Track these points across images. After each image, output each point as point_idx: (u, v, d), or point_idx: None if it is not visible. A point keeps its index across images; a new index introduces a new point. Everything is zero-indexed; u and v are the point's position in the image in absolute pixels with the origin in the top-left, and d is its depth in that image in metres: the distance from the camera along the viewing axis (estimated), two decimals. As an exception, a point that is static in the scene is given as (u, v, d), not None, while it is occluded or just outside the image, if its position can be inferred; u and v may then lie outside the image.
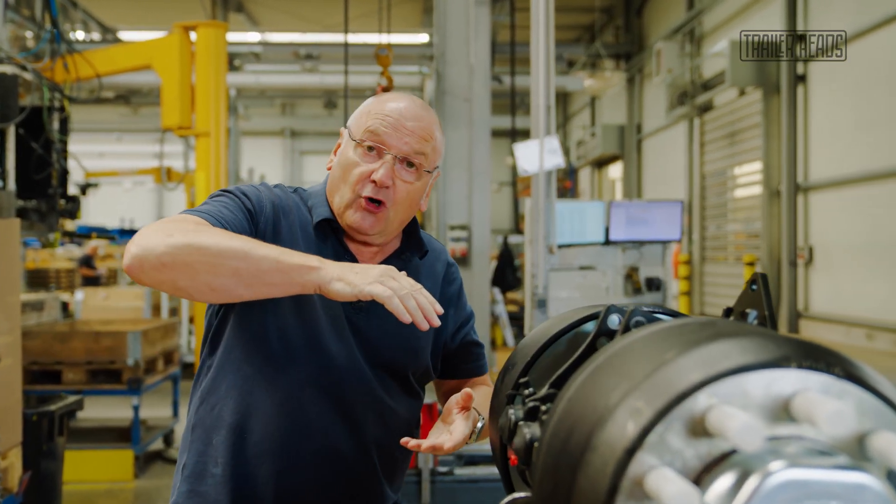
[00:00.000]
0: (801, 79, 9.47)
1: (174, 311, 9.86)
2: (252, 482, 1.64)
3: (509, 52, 9.20)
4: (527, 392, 1.14)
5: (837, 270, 8.78)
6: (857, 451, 0.72)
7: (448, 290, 1.89)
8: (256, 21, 15.54)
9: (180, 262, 1.40)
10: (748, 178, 11.06)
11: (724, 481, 0.70)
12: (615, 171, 16.96)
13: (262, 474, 1.64)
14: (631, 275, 6.27)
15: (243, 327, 1.68)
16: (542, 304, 5.43)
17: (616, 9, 15.54)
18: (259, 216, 1.68)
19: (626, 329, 1.04)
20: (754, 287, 1.08)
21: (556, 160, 5.46)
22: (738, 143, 11.23)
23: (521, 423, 1.11)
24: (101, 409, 7.20)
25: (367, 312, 1.71)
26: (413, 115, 1.69)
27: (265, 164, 21.09)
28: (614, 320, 1.13)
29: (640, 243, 6.30)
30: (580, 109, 18.81)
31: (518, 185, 16.26)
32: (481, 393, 1.83)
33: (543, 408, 1.04)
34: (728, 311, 1.10)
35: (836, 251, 8.84)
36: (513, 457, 1.19)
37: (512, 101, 9.87)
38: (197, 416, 1.72)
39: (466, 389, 1.62)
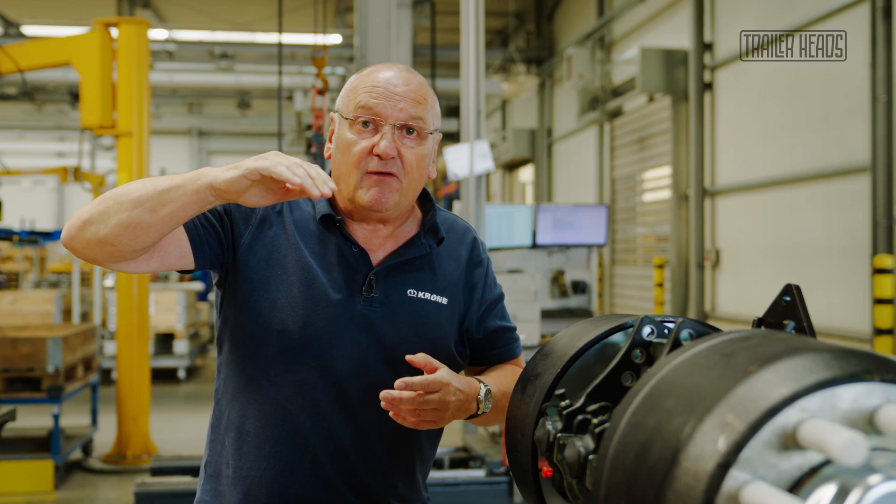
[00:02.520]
0: (708, 87, 9.74)
1: (85, 316, 9.54)
2: (258, 484, 1.64)
3: (429, 55, 9.21)
4: (563, 404, 1.14)
5: (742, 272, 9.06)
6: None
7: (474, 273, 1.80)
8: (163, 18, 15.17)
9: (97, 214, 1.47)
10: (657, 183, 11.30)
11: (821, 495, 0.72)
12: (526, 174, 17.12)
13: (266, 477, 1.64)
14: (557, 278, 6.36)
15: (244, 326, 1.65)
16: (472, 307, 5.45)
17: (527, 14, 15.70)
18: (240, 221, 1.68)
19: (676, 341, 1.05)
20: (787, 299, 1.10)
21: (486, 164, 5.51)
22: (647, 148, 11.47)
23: (561, 435, 1.12)
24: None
25: (381, 304, 1.67)
26: (403, 80, 1.66)
27: (173, 164, 20.59)
28: (647, 331, 1.15)
29: (566, 247, 6.39)
30: (491, 113, 18.94)
31: (432, 186, 16.27)
32: (506, 372, 1.80)
33: (595, 420, 1.04)
34: (759, 322, 1.12)
35: (740, 254, 9.12)
36: (545, 468, 1.20)
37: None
38: (213, 417, 1.74)
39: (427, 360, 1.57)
